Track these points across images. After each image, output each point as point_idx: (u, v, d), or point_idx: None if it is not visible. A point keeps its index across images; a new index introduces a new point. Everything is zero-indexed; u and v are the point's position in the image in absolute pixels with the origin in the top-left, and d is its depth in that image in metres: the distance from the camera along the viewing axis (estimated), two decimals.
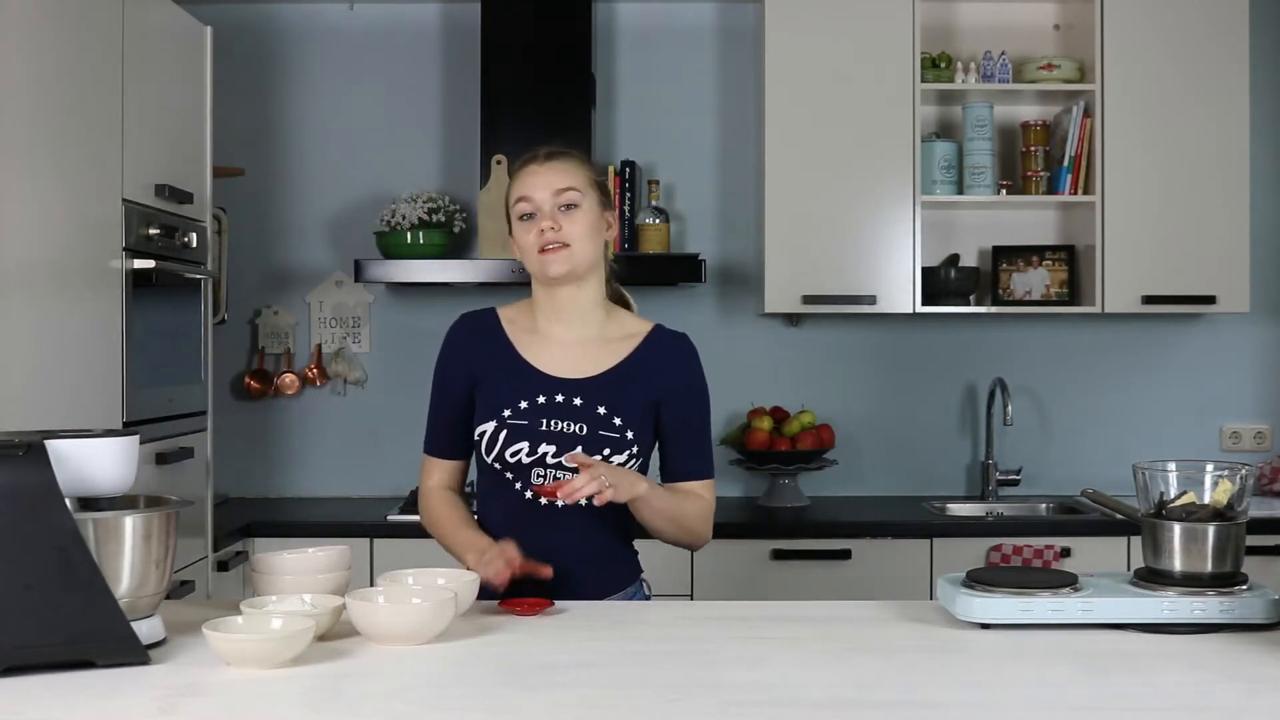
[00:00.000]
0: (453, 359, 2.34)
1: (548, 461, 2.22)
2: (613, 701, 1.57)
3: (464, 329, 2.35)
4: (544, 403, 2.24)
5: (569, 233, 2.23)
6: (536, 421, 2.23)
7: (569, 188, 2.24)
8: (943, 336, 4.22)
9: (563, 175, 2.26)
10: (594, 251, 2.28)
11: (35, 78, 2.50)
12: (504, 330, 2.33)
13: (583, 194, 2.26)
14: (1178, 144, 3.89)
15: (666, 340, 2.36)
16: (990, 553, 3.62)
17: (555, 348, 2.30)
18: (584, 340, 2.30)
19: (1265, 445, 4.23)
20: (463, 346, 2.33)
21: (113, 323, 2.83)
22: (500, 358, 2.29)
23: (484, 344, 2.31)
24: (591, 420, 2.23)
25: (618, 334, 2.33)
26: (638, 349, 2.32)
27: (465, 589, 1.97)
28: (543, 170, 2.26)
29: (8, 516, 1.64)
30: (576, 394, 2.25)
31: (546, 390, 2.25)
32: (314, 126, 4.23)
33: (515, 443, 2.23)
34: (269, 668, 1.68)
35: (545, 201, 2.24)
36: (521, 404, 2.24)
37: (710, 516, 2.35)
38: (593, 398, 2.24)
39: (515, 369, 2.28)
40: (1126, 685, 1.65)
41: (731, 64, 4.22)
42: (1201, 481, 1.98)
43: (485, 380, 2.29)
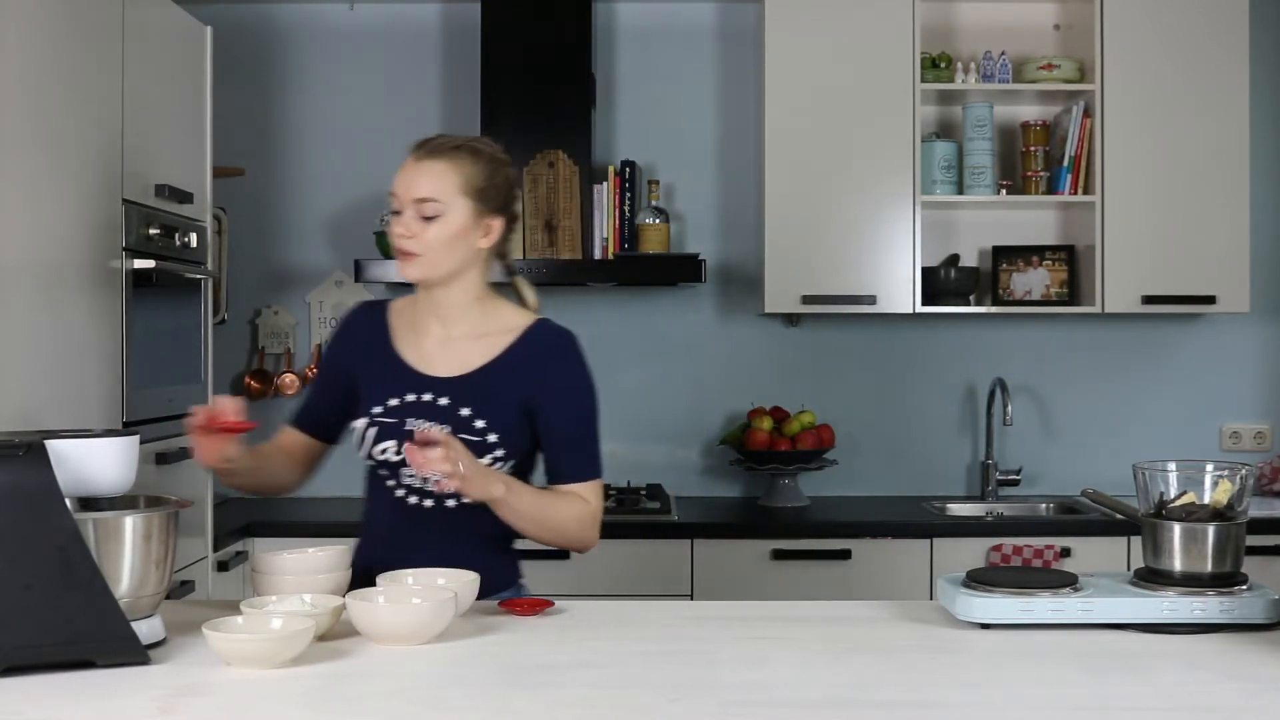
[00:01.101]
0: (336, 347, 2.32)
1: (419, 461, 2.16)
2: (613, 701, 1.57)
3: (356, 319, 2.32)
4: (412, 401, 2.19)
5: (422, 242, 2.15)
6: (402, 420, 2.18)
7: (428, 199, 2.15)
8: (943, 336, 4.22)
9: (428, 183, 2.16)
10: (454, 261, 2.18)
11: (35, 78, 2.50)
12: (389, 325, 2.28)
13: (446, 205, 2.15)
14: (1178, 144, 3.89)
15: (544, 336, 2.24)
16: (990, 553, 3.62)
17: (428, 344, 2.24)
18: (457, 337, 2.23)
19: (1265, 445, 4.22)
20: (349, 337, 2.31)
21: (113, 323, 2.83)
22: (379, 353, 2.25)
23: (368, 337, 2.27)
24: (454, 422, 2.16)
25: (496, 329, 2.24)
26: (511, 346, 2.22)
27: (465, 589, 1.97)
28: (413, 170, 2.18)
29: (8, 516, 1.64)
30: (444, 393, 2.19)
31: (415, 388, 2.20)
32: (314, 126, 4.23)
33: (382, 441, 2.19)
34: (269, 668, 1.68)
35: (406, 204, 2.17)
36: (391, 401, 2.20)
37: (591, 521, 2.22)
38: (459, 398, 2.18)
39: (390, 365, 2.24)
40: (1126, 685, 1.65)
41: (731, 64, 4.22)
42: (1201, 481, 1.98)
43: (364, 375, 2.25)
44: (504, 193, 2.25)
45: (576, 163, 3.92)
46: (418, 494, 2.21)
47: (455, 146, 2.20)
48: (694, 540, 3.61)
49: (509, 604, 2.06)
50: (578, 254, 3.91)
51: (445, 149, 2.19)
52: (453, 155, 2.18)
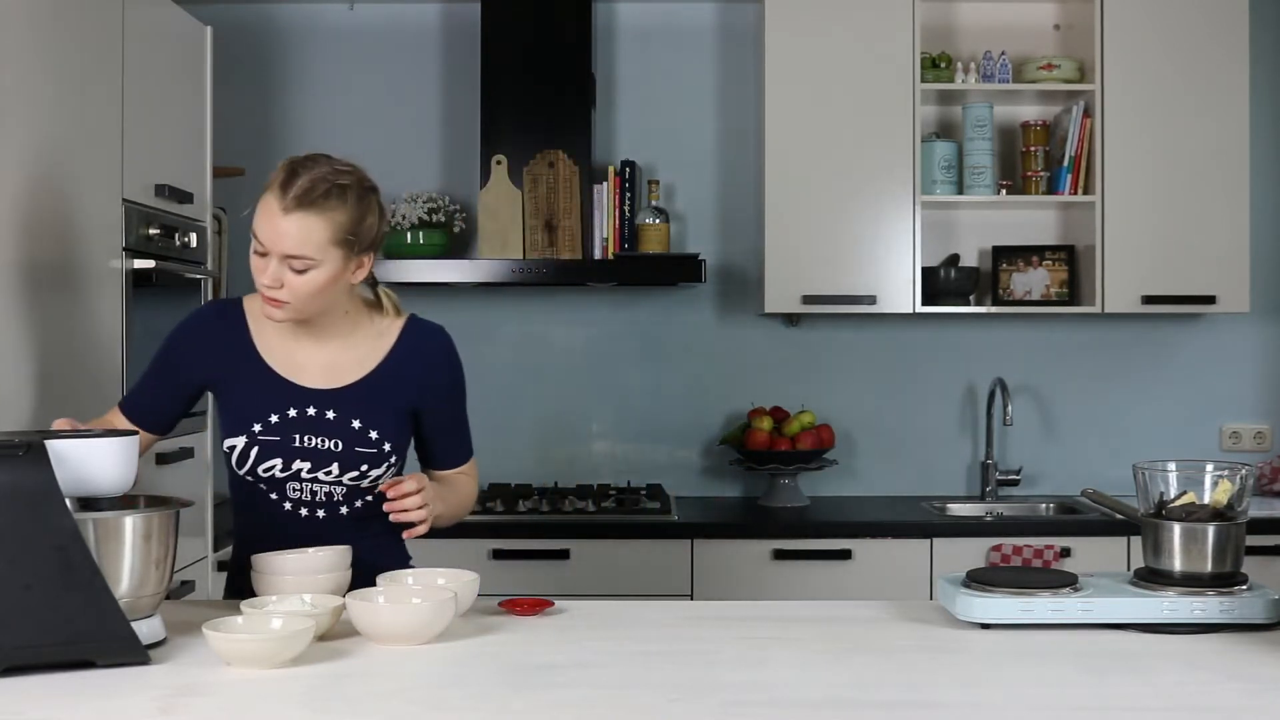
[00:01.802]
0: (187, 350, 2.21)
1: (303, 476, 2.15)
2: (613, 701, 1.57)
3: (209, 325, 2.22)
4: (295, 416, 2.14)
5: (291, 292, 2.06)
6: (289, 437, 2.13)
7: (299, 256, 2.03)
8: (943, 336, 4.22)
9: (294, 239, 2.02)
10: (325, 302, 2.11)
11: (35, 78, 2.50)
12: (249, 330, 2.19)
13: (318, 259, 2.04)
14: (1178, 144, 3.89)
15: (420, 338, 2.23)
16: (990, 553, 3.62)
17: (303, 355, 2.17)
18: (332, 348, 2.18)
19: (1265, 445, 4.22)
20: (202, 340, 2.21)
21: (113, 323, 2.83)
22: (245, 362, 2.17)
23: (227, 343, 2.19)
24: (346, 435, 2.14)
25: (368, 334, 2.20)
26: (391, 352, 2.20)
27: (465, 589, 1.97)
28: (281, 222, 2.02)
29: (8, 516, 1.64)
30: (329, 406, 2.14)
31: (297, 402, 2.14)
32: (314, 126, 4.23)
33: (268, 459, 2.13)
34: (269, 668, 1.68)
35: (273, 253, 2.05)
36: (272, 418, 2.14)
37: (475, 492, 2.36)
38: (347, 410, 2.15)
39: (261, 378, 2.16)
40: (1126, 685, 1.65)
41: (731, 64, 4.22)
42: (1201, 481, 1.99)
43: (227, 386, 2.18)
44: (375, 229, 2.14)
45: (576, 163, 3.92)
46: (306, 506, 2.18)
47: (324, 194, 2.05)
48: (694, 540, 3.61)
49: (509, 604, 2.06)
50: (578, 254, 3.91)
51: (315, 199, 2.04)
52: (323, 206, 2.04)
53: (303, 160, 2.11)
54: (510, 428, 4.14)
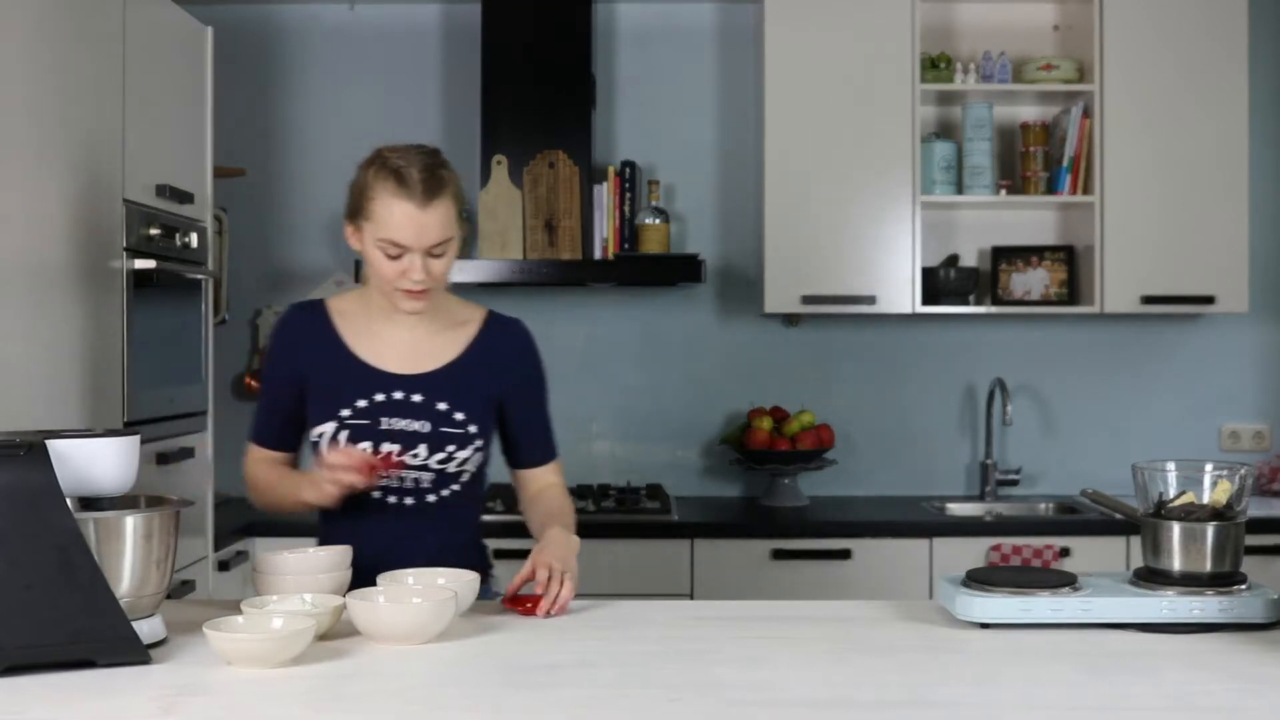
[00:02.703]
0: (284, 355, 2.27)
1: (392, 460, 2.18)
2: (613, 701, 1.57)
3: (296, 323, 2.28)
4: (382, 400, 2.19)
5: (435, 277, 2.15)
6: (376, 420, 2.18)
7: (443, 240, 2.13)
8: (942, 336, 4.23)
9: (439, 227, 2.12)
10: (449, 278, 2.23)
11: (35, 78, 2.50)
12: (335, 325, 2.25)
13: (452, 239, 2.15)
14: (1177, 144, 3.89)
15: (504, 330, 2.30)
16: (990, 552, 3.62)
17: (389, 343, 2.23)
18: (418, 334, 2.24)
19: (1264, 445, 4.23)
20: (293, 342, 2.26)
21: (113, 323, 2.83)
22: (332, 355, 2.23)
23: (315, 340, 2.24)
24: (433, 417, 2.19)
25: (450, 323, 2.27)
26: (475, 340, 2.26)
27: (465, 589, 1.97)
28: (420, 217, 2.10)
29: (8, 516, 1.65)
30: (416, 390, 2.20)
31: (384, 387, 2.20)
32: (314, 126, 4.23)
33: (356, 443, 2.17)
34: (269, 667, 1.68)
35: (418, 249, 2.12)
36: (359, 403, 2.19)
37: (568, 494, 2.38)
38: (433, 393, 2.20)
39: (350, 367, 2.21)
40: (1126, 685, 1.65)
41: (731, 64, 4.22)
42: (1201, 481, 1.99)
43: (316, 378, 2.23)
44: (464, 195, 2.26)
45: (576, 163, 3.92)
46: (395, 492, 2.22)
47: (438, 174, 2.13)
48: (694, 540, 3.61)
49: (512, 602, 2.06)
50: (578, 254, 3.91)
51: (436, 183, 2.12)
52: (444, 187, 2.13)
53: (392, 157, 2.15)
54: None
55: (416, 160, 2.14)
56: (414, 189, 2.11)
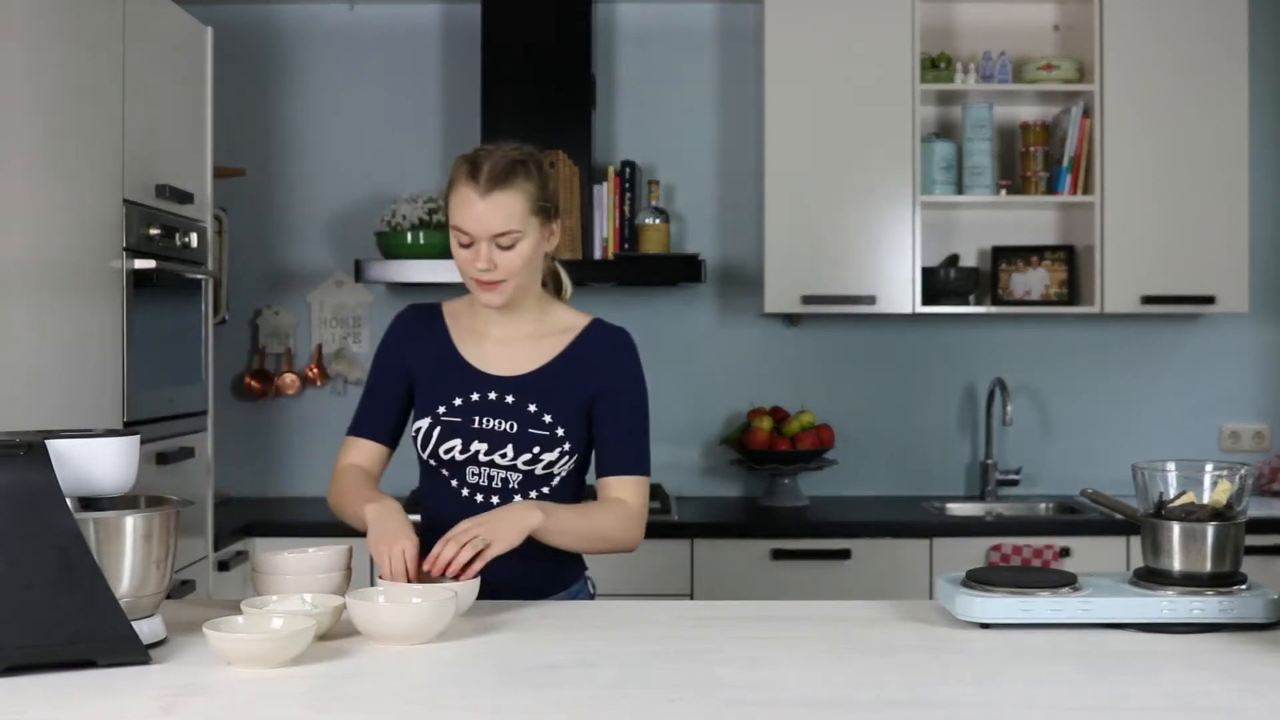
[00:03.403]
0: (393, 350, 2.33)
1: (480, 459, 2.20)
2: (613, 701, 1.57)
3: (409, 321, 2.34)
4: (477, 400, 2.23)
5: (505, 269, 2.17)
6: (469, 419, 2.22)
7: (506, 231, 2.15)
8: (943, 336, 4.23)
9: (501, 216, 2.15)
10: (533, 276, 2.24)
11: (35, 78, 2.50)
12: (446, 326, 2.31)
13: (523, 230, 2.17)
14: (1177, 144, 3.89)
15: (603, 335, 2.31)
16: (990, 552, 3.62)
17: (491, 345, 2.27)
18: (519, 337, 2.28)
19: (1264, 445, 4.23)
20: (404, 339, 2.32)
21: (113, 323, 2.83)
22: (439, 353, 2.28)
23: (425, 338, 2.30)
24: (521, 418, 2.21)
25: (554, 329, 2.30)
26: (573, 344, 2.28)
27: (465, 589, 1.97)
28: (481, 205, 2.15)
29: (8, 516, 1.65)
30: (509, 391, 2.23)
31: (480, 387, 2.23)
32: (314, 126, 4.23)
33: (448, 440, 2.21)
34: (269, 667, 1.68)
35: (482, 239, 2.16)
36: (456, 401, 2.23)
37: (635, 520, 2.24)
38: (524, 395, 2.22)
39: (452, 365, 2.27)
40: (1126, 685, 1.65)
41: (731, 64, 4.22)
42: (1201, 481, 1.98)
43: (422, 375, 2.28)
44: (557, 195, 2.29)
45: (576, 163, 3.92)
46: (483, 492, 2.23)
47: (511, 167, 2.17)
48: (694, 540, 3.61)
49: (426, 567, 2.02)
50: (578, 254, 3.91)
51: (506, 177, 2.16)
52: (513, 180, 2.17)
53: (477, 152, 2.22)
54: None
55: (497, 153, 2.20)
56: (480, 177, 2.16)
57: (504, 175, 2.16)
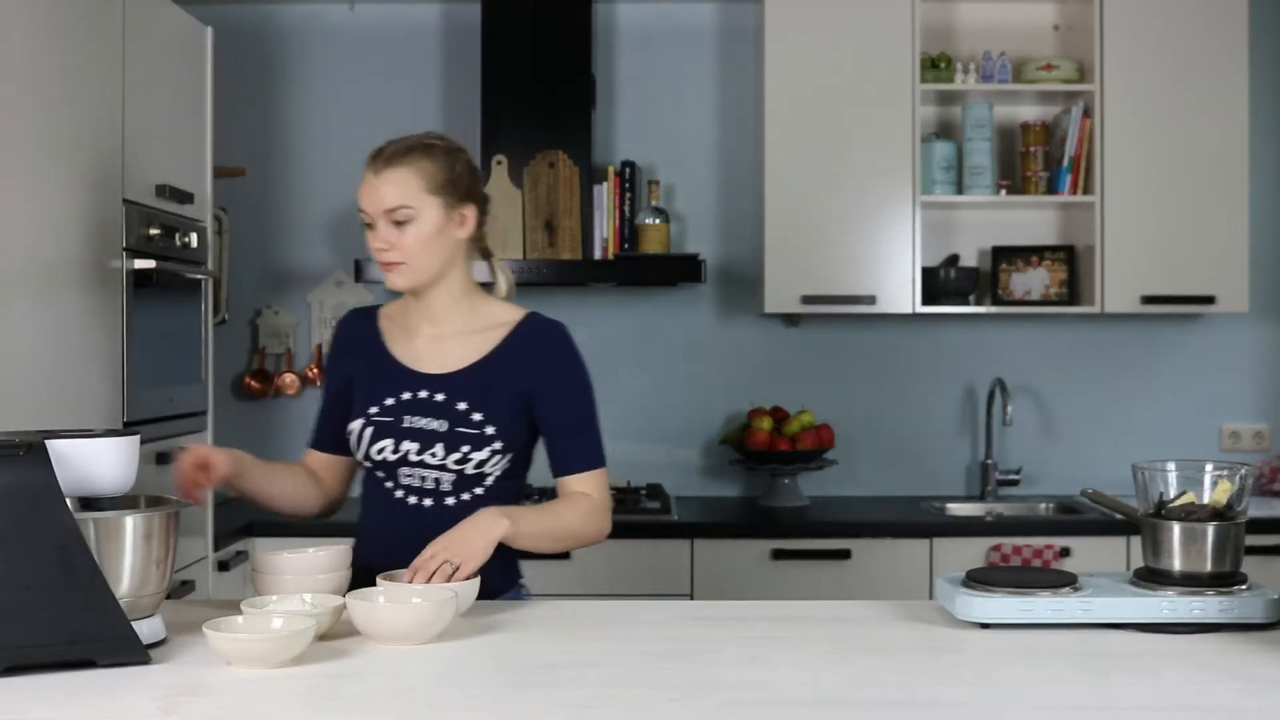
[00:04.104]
0: (334, 358, 2.36)
1: (410, 459, 2.19)
2: (613, 701, 1.57)
3: (347, 326, 2.36)
4: (407, 399, 2.21)
5: (402, 250, 2.17)
6: (399, 418, 2.20)
7: (398, 206, 2.16)
8: (942, 336, 4.23)
9: (392, 191, 2.16)
10: (438, 259, 2.20)
11: (35, 78, 2.50)
12: (380, 328, 2.31)
13: (416, 208, 2.16)
14: (1177, 144, 3.89)
15: (536, 329, 2.27)
16: (990, 552, 3.62)
17: (422, 343, 2.26)
18: (450, 334, 2.26)
19: (1265, 445, 4.23)
20: (342, 345, 2.34)
21: (113, 323, 2.83)
22: (373, 355, 2.28)
23: (362, 342, 2.31)
24: (451, 416, 2.18)
25: (486, 325, 2.27)
26: (506, 340, 2.25)
27: (465, 589, 1.97)
28: (375, 182, 2.18)
29: (8, 516, 1.65)
30: (439, 389, 2.21)
31: (410, 386, 2.22)
32: (314, 126, 4.23)
33: (379, 440, 2.20)
34: (269, 667, 1.68)
35: (377, 216, 2.17)
36: (387, 401, 2.22)
37: (599, 511, 2.22)
38: (454, 393, 2.20)
39: (384, 366, 2.26)
40: (1126, 685, 1.65)
41: (731, 64, 4.22)
42: (1201, 481, 1.98)
43: (359, 379, 2.28)
44: (468, 180, 2.27)
45: (576, 163, 3.92)
46: (416, 493, 2.22)
47: (409, 149, 2.20)
48: (694, 540, 3.61)
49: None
50: (578, 254, 3.91)
51: (400, 154, 2.19)
52: (409, 158, 2.19)
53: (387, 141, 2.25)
54: None
55: (402, 139, 2.23)
56: (377, 157, 2.20)
57: (399, 154, 2.19)
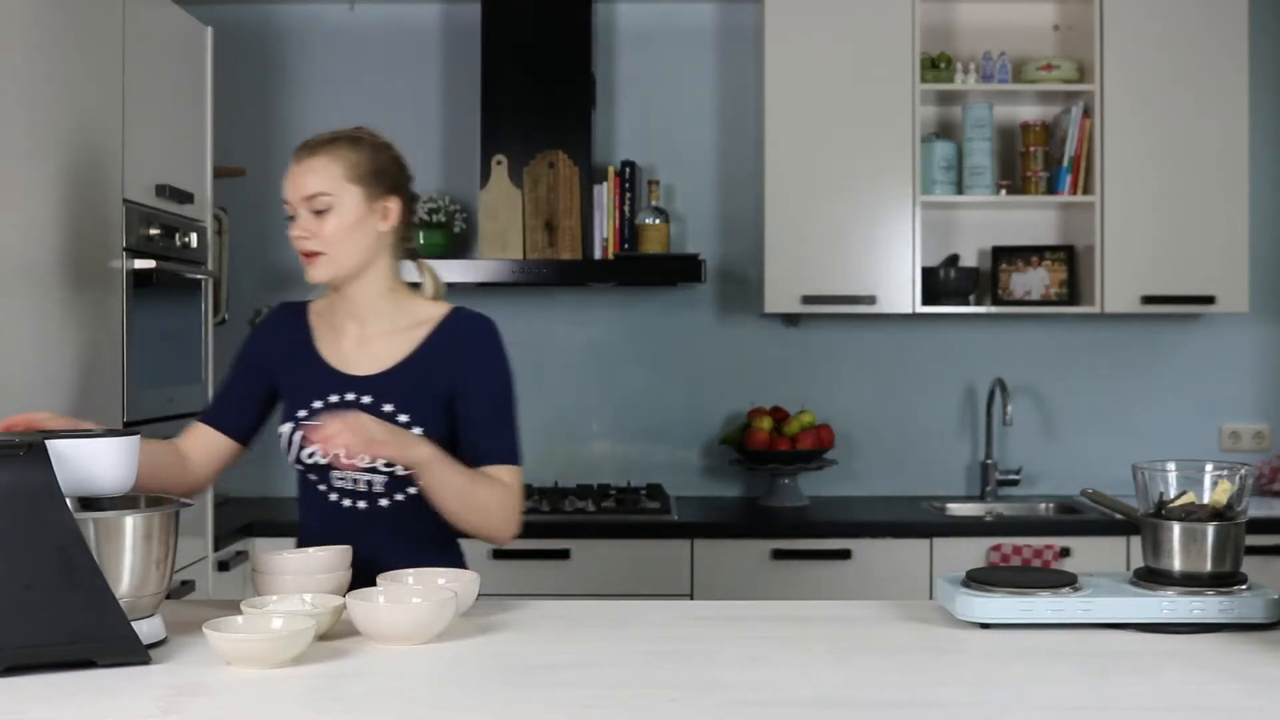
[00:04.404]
0: (256, 347, 2.31)
1: (341, 462, 2.14)
2: (613, 701, 1.57)
3: (275, 320, 2.32)
4: (336, 402, 2.18)
5: (322, 239, 2.15)
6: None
7: (317, 193, 2.14)
8: (943, 336, 4.22)
9: (312, 178, 2.14)
10: (358, 251, 2.17)
11: (36, 78, 2.50)
12: (309, 326, 2.28)
13: (336, 196, 2.14)
14: (1177, 144, 3.89)
15: (461, 325, 2.24)
16: (990, 552, 3.62)
17: (348, 343, 2.23)
18: (376, 333, 2.22)
19: (1265, 445, 4.23)
20: (268, 338, 2.31)
21: (113, 323, 2.83)
22: (300, 354, 2.25)
23: (289, 338, 2.28)
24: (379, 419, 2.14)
25: (410, 322, 2.23)
26: (430, 337, 2.21)
27: (465, 589, 1.97)
28: (297, 170, 2.17)
29: (8, 516, 1.65)
30: (366, 391, 2.18)
31: (338, 388, 2.19)
32: (314, 127, 4.16)
33: (308, 444, 2.17)
34: (269, 667, 1.68)
35: (298, 205, 2.16)
36: (315, 404, 2.19)
37: (511, 506, 2.18)
38: (380, 394, 2.17)
39: (311, 366, 2.23)
40: (1126, 685, 1.65)
41: (731, 64, 4.22)
42: (1201, 481, 1.98)
43: (284, 378, 2.25)
44: (393, 173, 2.23)
45: (576, 163, 3.92)
46: (350, 496, 2.20)
47: (334, 138, 2.19)
48: (694, 540, 3.61)
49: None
50: (578, 254, 3.91)
51: (322, 143, 2.18)
52: (331, 147, 2.17)
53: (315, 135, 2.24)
54: None
55: (329, 131, 2.22)
56: (302, 147, 2.19)
57: (323, 143, 2.18)
